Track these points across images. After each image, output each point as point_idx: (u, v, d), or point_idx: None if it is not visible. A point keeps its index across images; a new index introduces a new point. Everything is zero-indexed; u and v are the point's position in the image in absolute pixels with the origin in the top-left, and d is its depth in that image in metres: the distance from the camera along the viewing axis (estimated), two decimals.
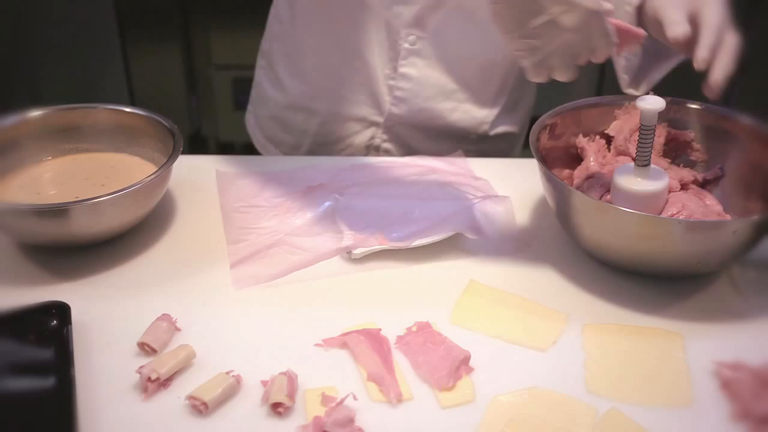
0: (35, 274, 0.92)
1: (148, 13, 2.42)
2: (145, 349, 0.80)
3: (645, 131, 0.88)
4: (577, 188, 0.96)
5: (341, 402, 0.74)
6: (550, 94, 2.60)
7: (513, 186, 1.06)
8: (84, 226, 0.90)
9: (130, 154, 1.05)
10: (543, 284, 0.91)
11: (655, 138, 0.89)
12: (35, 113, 1.03)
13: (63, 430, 0.69)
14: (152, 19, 2.24)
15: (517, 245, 0.96)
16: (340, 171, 1.09)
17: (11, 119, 1.01)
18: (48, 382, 0.75)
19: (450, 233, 0.94)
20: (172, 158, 0.94)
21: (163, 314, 0.83)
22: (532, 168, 1.02)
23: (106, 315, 0.85)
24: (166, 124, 1.01)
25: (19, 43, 2.17)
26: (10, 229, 0.92)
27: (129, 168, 1.03)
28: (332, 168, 1.10)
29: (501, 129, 1.26)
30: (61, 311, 0.81)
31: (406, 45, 1.16)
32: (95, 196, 0.88)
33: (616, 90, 0.95)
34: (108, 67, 2.50)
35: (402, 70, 1.17)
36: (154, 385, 0.75)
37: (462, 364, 0.79)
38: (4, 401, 0.74)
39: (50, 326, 0.80)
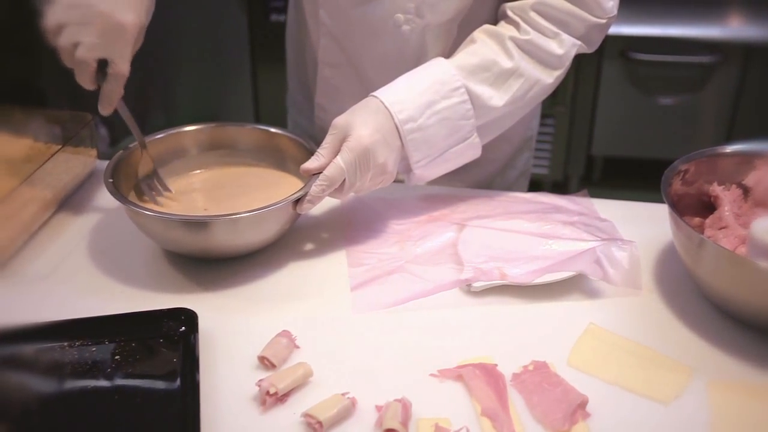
0: (171, 279, 0.96)
1: (280, 36, 2.52)
2: (265, 363, 0.82)
3: None
4: (709, 238, 0.93)
5: None
6: (673, 139, 2.53)
7: (639, 230, 1.03)
8: (222, 239, 0.93)
9: (279, 172, 1.09)
10: (666, 334, 0.88)
11: None
12: (191, 127, 1.10)
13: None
14: (282, 43, 2.35)
15: (641, 292, 0.94)
16: (462, 202, 1.09)
17: (169, 132, 1.08)
18: (174, 385, 0.78)
19: (572, 273, 0.93)
20: (308, 184, 0.95)
21: (284, 330, 0.86)
22: (660, 213, 0.99)
23: (230, 326, 0.88)
24: (306, 145, 1.04)
25: (156, 61, 2.30)
26: (154, 236, 0.97)
27: (276, 186, 1.06)
28: (455, 199, 1.10)
29: None
30: (189, 318, 0.85)
31: (321, 76, 1.16)
32: (235, 212, 0.91)
33: (748, 137, 0.92)
34: (237, 86, 2.61)
35: (317, 100, 1.18)
36: (272, 399, 0.77)
37: (579, 409, 0.77)
38: (132, 399, 0.77)
39: (179, 332, 0.84)
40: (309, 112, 1.27)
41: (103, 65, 0.92)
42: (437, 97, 0.97)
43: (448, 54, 1.05)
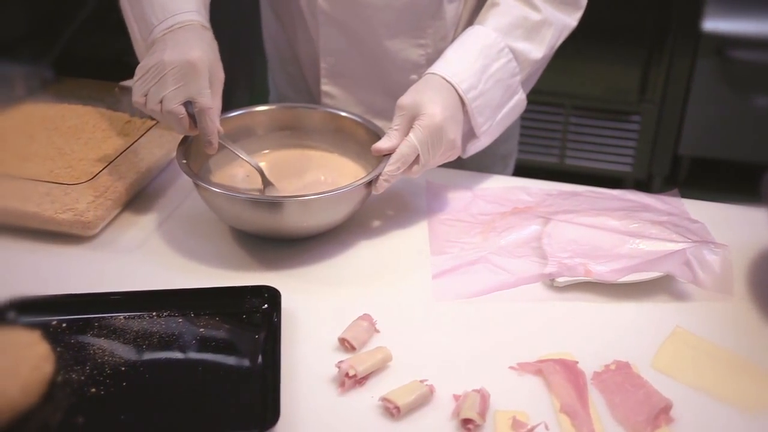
0: (245, 261, 0.97)
1: None
2: (345, 345, 0.83)
3: None
4: None
5: (532, 430, 0.73)
6: (766, 143, 2.42)
7: (733, 233, 0.99)
8: (294, 220, 0.94)
9: (341, 155, 1.09)
10: (759, 343, 0.85)
11: None
12: (260, 108, 1.10)
13: (269, 408, 0.73)
14: None
15: (733, 297, 0.90)
16: (548, 196, 1.07)
17: (239, 112, 1.08)
18: (256, 361, 0.80)
19: (659, 274, 0.90)
20: (380, 166, 0.95)
21: (365, 314, 0.86)
22: (755, 216, 0.96)
23: (310, 306, 0.89)
24: (371, 127, 1.04)
25: (242, 42, 2.36)
26: (224, 215, 0.99)
27: (339, 168, 1.07)
28: (541, 192, 1.09)
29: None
30: (272, 296, 0.86)
31: (324, 65, 1.16)
32: (305, 193, 0.92)
33: None
34: None
35: (323, 88, 1.19)
36: (350, 381, 0.78)
37: (662, 413, 0.75)
38: (215, 371, 0.79)
39: (262, 309, 0.85)
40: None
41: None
42: (488, 61, 1.01)
43: (464, 4, 1.12)
